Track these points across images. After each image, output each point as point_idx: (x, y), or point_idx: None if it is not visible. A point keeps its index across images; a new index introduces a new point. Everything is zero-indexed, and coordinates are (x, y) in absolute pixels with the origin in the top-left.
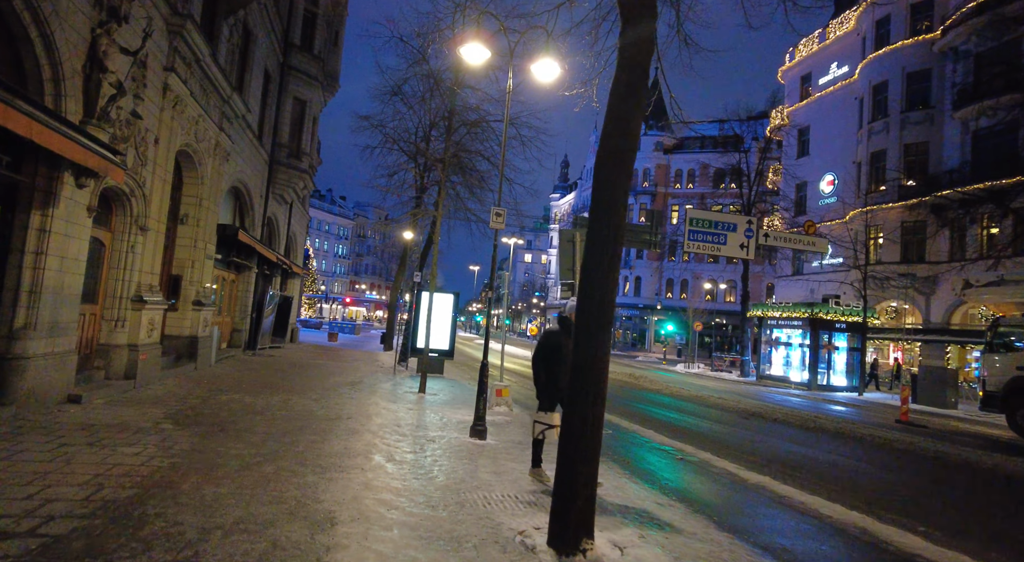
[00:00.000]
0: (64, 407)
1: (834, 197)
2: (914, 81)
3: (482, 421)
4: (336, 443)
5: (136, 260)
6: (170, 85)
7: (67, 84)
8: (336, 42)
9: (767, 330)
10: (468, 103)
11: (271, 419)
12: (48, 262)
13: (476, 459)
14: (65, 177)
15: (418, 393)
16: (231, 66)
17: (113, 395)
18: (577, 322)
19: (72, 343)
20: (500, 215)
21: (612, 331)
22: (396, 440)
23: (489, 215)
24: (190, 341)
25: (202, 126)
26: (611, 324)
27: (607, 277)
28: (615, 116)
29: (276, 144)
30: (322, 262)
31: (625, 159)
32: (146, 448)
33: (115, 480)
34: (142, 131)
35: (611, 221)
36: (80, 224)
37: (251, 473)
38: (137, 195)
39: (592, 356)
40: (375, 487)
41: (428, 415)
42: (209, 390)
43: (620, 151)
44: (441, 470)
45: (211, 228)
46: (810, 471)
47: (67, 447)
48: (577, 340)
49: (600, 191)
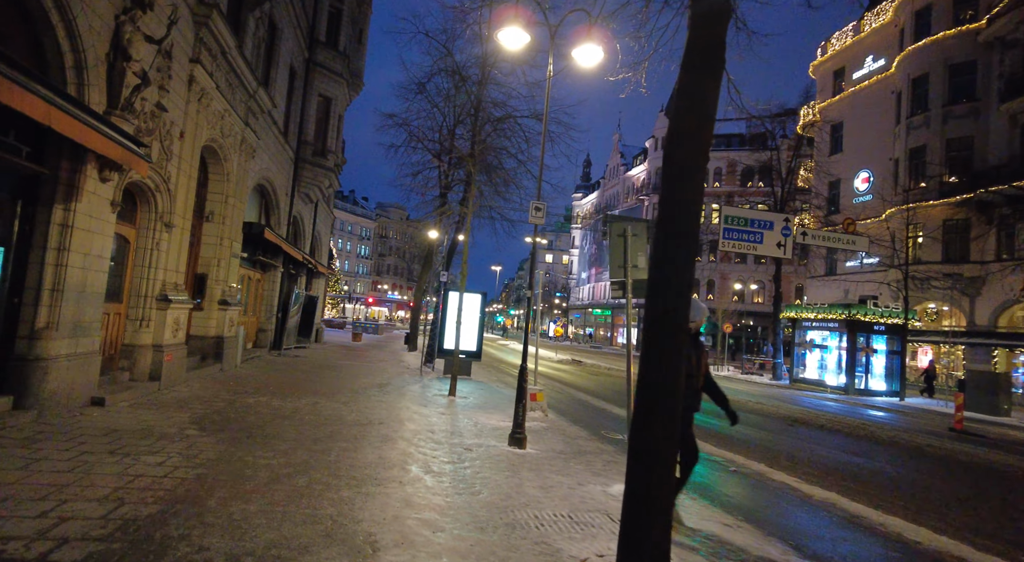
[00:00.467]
0: (87, 410)
1: (869, 195)
2: (957, 73)
3: (521, 429)
4: (370, 452)
5: (161, 258)
6: (196, 77)
7: (90, 73)
8: (360, 40)
9: (801, 332)
10: (495, 98)
11: (300, 424)
12: (71, 259)
13: (519, 471)
14: (88, 170)
15: (448, 396)
16: (257, 60)
17: (137, 397)
18: (645, 333)
19: (96, 343)
20: (540, 209)
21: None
22: (432, 448)
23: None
24: (216, 341)
25: (228, 121)
26: (685, 334)
27: (681, 278)
28: (687, 92)
29: (301, 141)
30: (345, 262)
31: (701, 142)
32: (170, 457)
33: (136, 494)
34: (167, 124)
35: (686, 213)
36: (104, 219)
37: (282, 486)
38: (162, 190)
39: (665, 370)
40: (416, 504)
41: (461, 420)
42: (235, 392)
43: (694, 133)
44: (484, 484)
45: (237, 226)
46: (876, 486)
47: (87, 455)
48: (647, 354)
49: (672, 180)
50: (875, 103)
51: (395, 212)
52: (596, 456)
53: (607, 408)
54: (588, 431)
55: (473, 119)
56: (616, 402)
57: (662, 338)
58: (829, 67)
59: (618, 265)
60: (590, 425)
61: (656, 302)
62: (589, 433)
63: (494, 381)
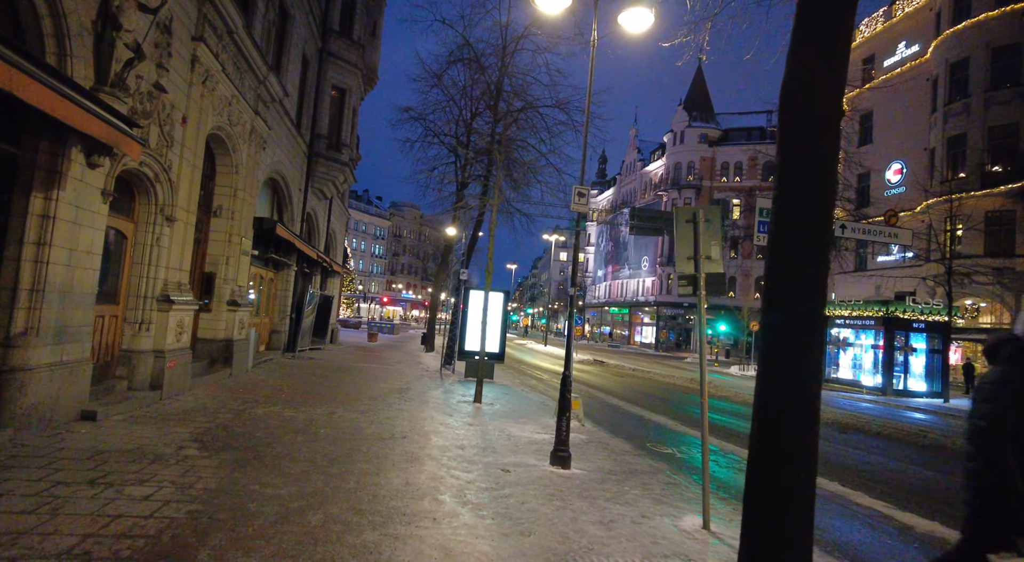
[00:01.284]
0: (74, 426)
1: (902, 187)
2: (1000, 57)
3: (565, 446)
4: (394, 475)
5: (162, 254)
6: (199, 57)
7: (73, 42)
8: (374, 33)
9: (833, 330)
10: (516, 84)
11: (314, 439)
12: (53, 254)
13: (569, 499)
14: (72, 154)
15: (474, 403)
16: (267, 45)
17: (134, 409)
18: (767, 341)
19: (86, 350)
20: (583, 195)
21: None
22: (464, 471)
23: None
24: (225, 345)
25: (236, 108)
26: (822, 343)
27: (814, 278)
28: (801, 59)
29: (315, 135)
30: (359, 262)
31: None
32: (161, 487)
33: (108, 546)
34: (167, 107)
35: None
36: (93, 211)
37: (292, 528)
38: (162, 180)
39: (797, 391)
40: (457, 553)
41: (491, 432)
42: (244, 401)
43: (816, 103)
44: (533, 520)
45: (247, 222)
46: None
47: (61, 487)
48: (771, 369)
49: (792, 157)
50: (908, 91)
51: (409, 211)
52: (650, 477)
53: (643, 415)
54: (632, 444)
55: (495, 98)
56: (650, 408)
57: (794, 348)
58: (858, 55)
59: (687, 257)
60: (631, 436)
61: (786, 301)
62: (633, 447)
63: (518, 384)
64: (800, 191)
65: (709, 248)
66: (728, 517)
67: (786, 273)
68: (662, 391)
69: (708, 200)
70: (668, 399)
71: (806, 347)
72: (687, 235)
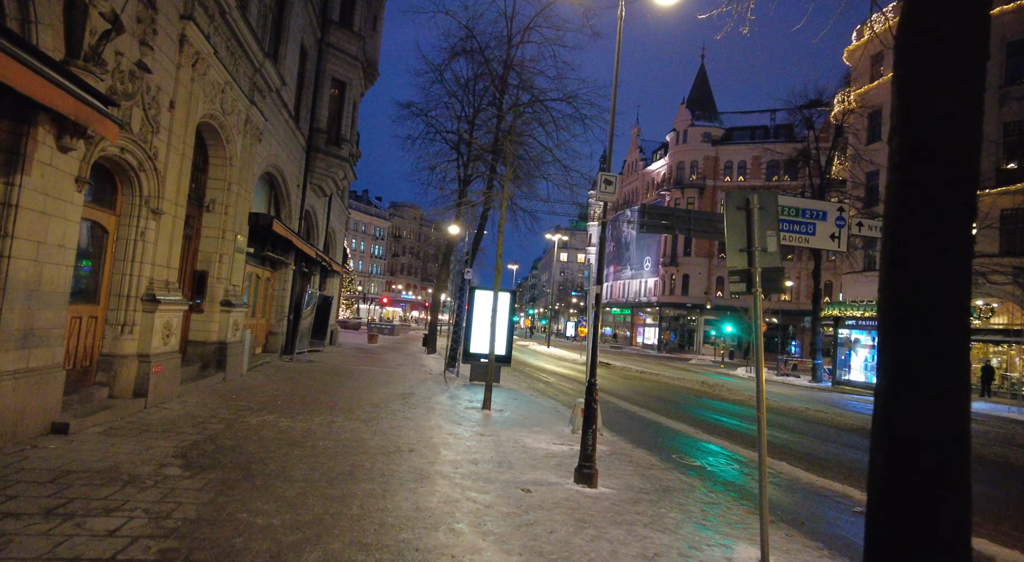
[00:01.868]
0: (41, 441)
1: None
2: (1015, 52)
3: (590, 463)
4: (402, 498)
5: (148, 250)
6: (188, 37)
7: (39, 7)
8: (375, 27)
9: (844, 331)
10: (521, 75)
11: (312, 454)
12: (17, 248)
13: (603, 527)
14: (39, 134)
15: (482, 409)
16: (263, 32)
17: (114, 420)
18: (888, 351)
19: (57, 355)
20: (611, 183)
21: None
22: (481, 491)
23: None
24: (218, 347)
25: (230, 96)
26: (967, 352)
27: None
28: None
29: (314, 129)
30: (359, 262)
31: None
32: (131, 518)
33: None
34: (152, 89)
35: None
36: (66, 200)
37: None
38: (147, 169)
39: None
40: None
41: (505, 443)
42: (237, 409)
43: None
44: (567, 557)
45: (242, 217)
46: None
47: (8, 520)
48: (902, 388)
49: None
50: None
51: (409, 212)
52: (685, 495)
53: (660, 421)
54: (656, 455)
55: (501, 90)
56: (666, 413)
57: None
58: (867, 52)
59: (739, 249)
60: (653, 446)
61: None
62: (659, 459)
63: (525, 388)
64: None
65: (765, 239)
66: (783, 546)
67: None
68: (673, 395)
69: (711, 200)
70: (681, 403)
71: (957, 350)
72: (739, 224)
